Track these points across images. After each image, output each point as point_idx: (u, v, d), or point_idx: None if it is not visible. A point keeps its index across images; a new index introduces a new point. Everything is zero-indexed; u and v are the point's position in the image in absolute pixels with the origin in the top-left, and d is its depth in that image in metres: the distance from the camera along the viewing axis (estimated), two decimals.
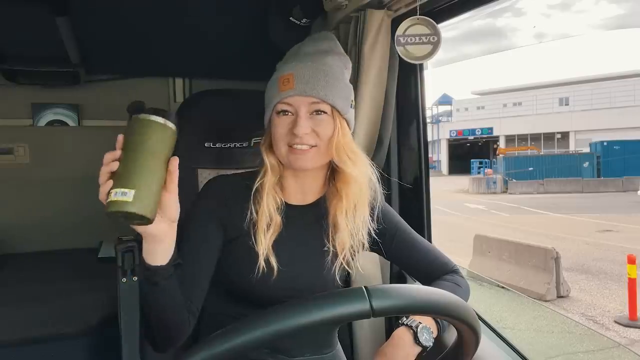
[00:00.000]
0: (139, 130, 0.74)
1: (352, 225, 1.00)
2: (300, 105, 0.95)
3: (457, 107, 38.07)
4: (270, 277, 0.97)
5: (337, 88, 0.97)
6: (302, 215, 1.04)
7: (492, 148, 33.32)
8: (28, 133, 2.17)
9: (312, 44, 1.03)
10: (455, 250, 6.56)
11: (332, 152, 0.96)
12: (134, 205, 0.71)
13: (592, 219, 11.12)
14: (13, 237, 2.12)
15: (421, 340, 0.90)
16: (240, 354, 0.63)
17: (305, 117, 0.94)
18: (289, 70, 0.96)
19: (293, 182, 1.03)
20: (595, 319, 5.16)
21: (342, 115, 0.97)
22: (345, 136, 0.97)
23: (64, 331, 1.64)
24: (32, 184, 2.15)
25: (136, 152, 0.73)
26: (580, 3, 68.22)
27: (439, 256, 1.09)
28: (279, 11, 1.52)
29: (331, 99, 0.95)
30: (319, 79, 0.95)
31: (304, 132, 0.93)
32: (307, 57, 0.99)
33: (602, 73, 32.06)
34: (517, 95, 34.44)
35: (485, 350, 1.00)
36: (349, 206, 0.99)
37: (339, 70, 0.99)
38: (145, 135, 0.74)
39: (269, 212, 0.98)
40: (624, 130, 24.71)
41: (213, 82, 2.11)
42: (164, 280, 0.84)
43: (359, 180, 0.98)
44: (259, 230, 0.97)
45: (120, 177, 0.72)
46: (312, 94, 0.94)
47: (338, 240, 1.00)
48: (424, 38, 1.17)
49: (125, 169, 0.73)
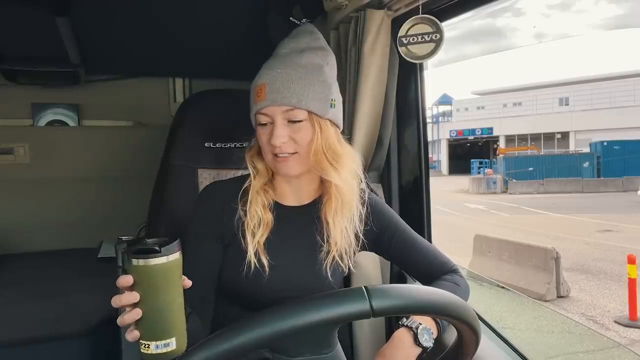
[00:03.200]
0: (155, 275, 0.69)
1: (341, 224, 1.00)
2: (275, 114, 0.94)
3: (457, 107, 38.03)
4: (261, 276, 0.97)
5: (311, 91, 0.94)
6: (297, 216, 1.04)
7: (492, 148, 33.32)
8: (28, 133, 2.16)
9: (290, 42, 1.01)
10: (455, 250, 6.57)
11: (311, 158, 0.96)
12: (178, 350, 0.70)
13: (592, 219, 11.12)
14: (13, 237, 2.12)
15: (421, 341, 0.90)
16: (240, 354, 0.63)
17: (282, 126, 0.94)
18: (261, 80, 0.95)
19: (286, 184, 1.04)
20: (595, 319, 5.16)
21: (322, 117, 0.96)
22: (328, 138, 0.96)
23: (64, 331, 1.64)
24: (32, 184, 2.15)
25: (159, 300, 0.70)
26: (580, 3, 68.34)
27: (438, 256, 1.09)
28: (279, 11, 1.52)
29: (305, 104, 0.94)
30: (289, 85, 0.93)
31: (281, 141, 0.93)
32: (279, 62, 0.97)
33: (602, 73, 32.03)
34: (517, 95, 34.42)
35: (485, 350, 1.00)
36: (337, 205, 0.99)
37: (314, 70, 0.96)
38: (164, 279, 0.69)
39: (257, 211, 0.98)
40: (624, 130, 24.69)
41: (213, 82, 2.11)
42: None
43: (340, 185, 0.98)
44: (248, 229, 0.98)
45: (155, 329, 0.70)
46: (284, 103, 0.93)
47: (330, 239, 1.01)
48: (426, 37, 1.17)
49: (158, 319, 0.70)
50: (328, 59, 1.01)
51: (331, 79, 1.00)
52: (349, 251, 1.02)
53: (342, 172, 0.97)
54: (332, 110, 0.98)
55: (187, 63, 2.10)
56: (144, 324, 0.70)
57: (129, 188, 1.97)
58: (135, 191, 1.69)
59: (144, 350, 0.70)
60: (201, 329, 0.93)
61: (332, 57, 1.03)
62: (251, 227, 0.98)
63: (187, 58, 2.02)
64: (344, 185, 0.98)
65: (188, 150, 1.32)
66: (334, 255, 1.01)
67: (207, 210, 1.01)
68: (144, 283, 0.69)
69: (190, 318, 0.89)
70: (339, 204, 0.99)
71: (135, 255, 0.68)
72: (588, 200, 15.41)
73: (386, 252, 1.10)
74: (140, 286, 0.69)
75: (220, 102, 1.40)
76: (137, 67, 2.14)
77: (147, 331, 0.71)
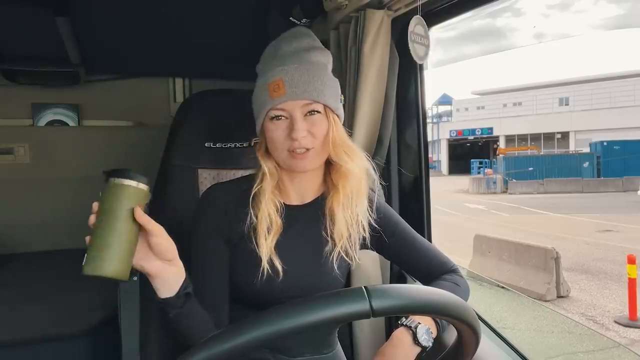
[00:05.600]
0: (106, 194, 0.78)
1: (349, 216, 1.01)
2: (294, 108, 0.95)
3: (457, 107, 38.04)
4: (275, 279, 0.97)
5: (326, 85, 0.97)
6: (302, 214, 1.04)
7: (492, 148, 33.32)
8: (28, 133, 2.17)
9: (291, 42, 1.02)
10: (455, 250, 6.56)
11: (329, 149, 0.97)
12: (101, 269, 0.77)
13: (592, 219, 11.12)
14: (13, 237, 2.12)
15: (420, 340, 0.90)
16: (240, 354, 0.63)
17: (301, 120, 0.95)
18: (277, 76, 0.95)
19: (290, 183, 1.04)
20: (595, 319, 5.16)
21: (335, 111, 0.98)
22: (340, 131, 0.98)
23: (64, 331, 1.64)
24: (32, 184, 2.15)
25: (102, 216, 0.78)
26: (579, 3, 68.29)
27: (438, 255, 1.09)
28: (279, 11, 1.52)
29: (323, 98, 0.95)
30: (308, 80, 0.95)
31: (302, 135, 0.94)
32: (290, 59, 0.98)
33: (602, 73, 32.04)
34: (517, 95, 34.42)
35: (485, 350, 1.00)
36: (345, 197, 1.00)
37: (323, 67, 0.99)
38: (125, 200, 0.78)
39: (269, 215, 0.98)
40: (624, 130, 24.70)
41: (213, 82, 2.11)
42: (177, 309, 0.87)
43: (356, 173, 0.99)
44: (260, 234, 0.97)
45: (91, 243, 0.78)
46: (305, 97, 0.94)
47: (336, 231, 1.01)
48: (420, 39, 1.18)
49: (95, 235, 0.78)
50: (329, 58, 1.04)
51: (334, 77, 1.02)
52: (354, 244, 1.03)
53: (357, 162, 0.99)
54: (340, 106, 1.01)
55: (187, 63, 2.10)
56: (90, 238, 0.78)
57: None
58: None
59: (83, 264, 0.78)
60: (202, 318, 0.92)
61: (330, 57, 1.05)
62: (263, 232, 0.98)
63: (187, 58, 2.02)
64: (360, 174, 1.00)
65: (188, 150, 1.32)
66: (339, 250, 1.01)
67: (211, 213, 1.01)
68: (108, 199, 0.78)
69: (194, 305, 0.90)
70: (347, 196, 1.00)
71: (110, 174, 0.78)
72: (588, 200, 15.41)
73: (386, 251, 1.10)
74: (105, 202, 0.78)
75: (220, 102, 1.40)
76: (137, 67, 2.15)
77: (89, 244, 0.78)
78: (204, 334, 0.89)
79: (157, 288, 0.86)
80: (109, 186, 0.78)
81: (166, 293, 0.86)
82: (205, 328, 0.91)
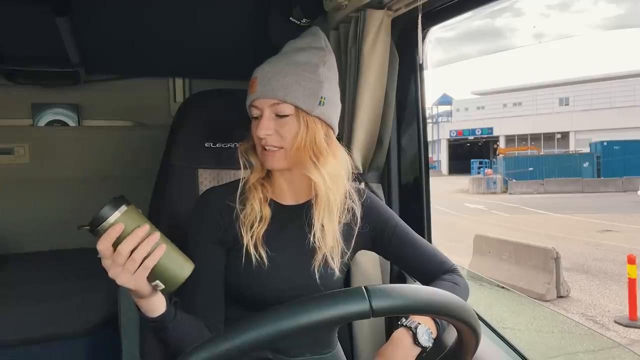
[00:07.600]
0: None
1: (327, 226, 1.00)
2: (263, 107, 0.96)
3: (457, 107, 38.02)
4: (261, 269, 0.98)
5: (300, 86, 0.95)
6: (294, 216, 1.04)
7: (492, 148, 33.31)
8: (28, 133, 2.16)
9: (293, 42, 1.04)
10: (455, 250, 6.57)
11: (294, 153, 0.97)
12: (176, 279, 0.83)
13: (592, 219, 11.11)
14: (13, 237, 2.11)
15: (420, 340, 0.90)
16: (240, 354, 0.63)
17: (268, 119, 0.96)
18: (255, 74, 0.98)
19: (283, 182, 1.04)
20: (595, 319, 5.15)
21: (309, 114, 0.96)
22: (314, 136, 0.96)
23: (64, 331, 1.64)
24: (32, 184, 2.15)
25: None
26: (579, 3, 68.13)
27: (437, 255, 1.09)
28: (279, 11, 1.52)
29: (291, 99, 0.94)
30: (279, 79, 0.95)
31: (265, 133, 0.95)
32: (275, 58, 1.00)
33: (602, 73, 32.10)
34: (517, 95, 34.40)
35: (485, 350, 1.00)
36: (322, 206, 0.99)
37: (307, 67, 0.97)
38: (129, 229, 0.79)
39: (254, 205, 0.99)
40: (624, 130, 24.69)
41: (213, 82, 2.11)
42: (170, 323, 0.88)
43: (319, 183, 0.97)
44: (246, 223, 0.99)
45: (152, 272, 0.81)
46: (271, 96, 0.95)
47: (316, 240, 1.00)
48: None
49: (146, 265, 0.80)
50: (326, 59, 1.01)
51: (325, 78, 0.99)
52: (335, 253, 1.01)
53: (322, 171, 0.96)
54: (320, 107, 0.97)
55: (187, 63, 2.10)
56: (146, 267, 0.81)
57: (129, 188, 1.96)
58: (135, 191, 1.68)
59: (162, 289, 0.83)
60: (195, 326, 0.93)
61: (331, 58, 1.03)
62: (250, 221, 0.99)
63: (187, 58, 2.02)
64: (323, 184, 0.97)
65: (188, 150, 1.32)
66: (320, 258, 1.00)
67: (206, 217, 1.02)
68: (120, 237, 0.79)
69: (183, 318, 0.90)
70: (324, 204, 0.99)
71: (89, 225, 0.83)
72: (588, 200, 15.40)
73: (385, 251, 1.11)
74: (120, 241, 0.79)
75: (220, 102, 1.40)
76: (137, 67, 2.14)
77: (152, 272, 0.81)
78: (198, 338, 0.90)
79: (146, 308, 0.86)
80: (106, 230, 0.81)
81: (157, 311, 0.86)
82: (198, 332, 0.93)
